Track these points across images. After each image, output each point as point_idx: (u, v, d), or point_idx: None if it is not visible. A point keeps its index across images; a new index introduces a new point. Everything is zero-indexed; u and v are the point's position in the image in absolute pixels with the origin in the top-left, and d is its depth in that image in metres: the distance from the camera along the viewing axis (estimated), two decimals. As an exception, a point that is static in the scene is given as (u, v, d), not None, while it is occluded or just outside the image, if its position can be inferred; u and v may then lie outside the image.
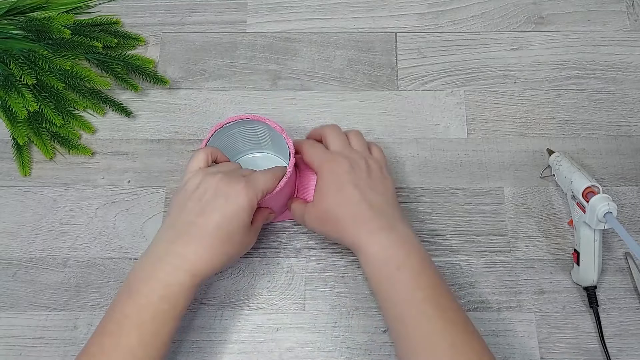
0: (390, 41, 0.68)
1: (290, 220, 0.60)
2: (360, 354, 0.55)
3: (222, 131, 0.55)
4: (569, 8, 0.69)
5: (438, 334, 0.45)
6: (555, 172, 0.59)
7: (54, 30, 0.62)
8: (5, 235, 0.60)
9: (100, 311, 0.57)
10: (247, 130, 0.57)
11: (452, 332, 0.45)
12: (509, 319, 0.56)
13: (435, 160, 0.63)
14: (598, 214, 0.51)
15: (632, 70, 0.66)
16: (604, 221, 0.51)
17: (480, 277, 0.58)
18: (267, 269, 0.58)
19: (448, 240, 0.59)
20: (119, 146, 0.64)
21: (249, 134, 0.57)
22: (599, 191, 0.53)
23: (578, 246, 0.55)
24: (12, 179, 0.62)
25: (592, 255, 0.54)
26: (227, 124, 0.54)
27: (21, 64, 0.61)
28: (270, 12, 0.70)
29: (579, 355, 0.55)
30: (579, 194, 0.53)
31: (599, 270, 0.55)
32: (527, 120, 0.64)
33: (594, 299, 0.55)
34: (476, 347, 0.46)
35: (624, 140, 0.63)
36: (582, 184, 0.53)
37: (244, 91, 0.66)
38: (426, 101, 0.65)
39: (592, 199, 0.51)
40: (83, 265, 0.59)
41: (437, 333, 0.45)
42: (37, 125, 0.62)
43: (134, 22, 0.69)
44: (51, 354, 0.55)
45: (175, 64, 0.67)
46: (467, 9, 0.70)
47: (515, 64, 0.67)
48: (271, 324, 0.56)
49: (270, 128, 0.54)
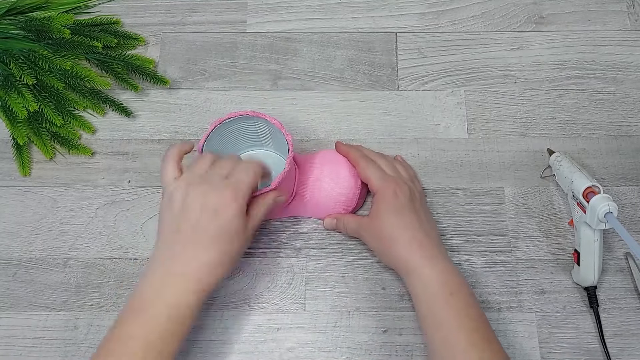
0: (390, 41, 0.68)
1: (290, 220, 0.60)
2: (360, 354, 0.55)
3: (222, 127, 0.55)
4: (569, 8, 0.69)
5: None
6: (555, 172, 0.59)
7: (54, 30, 0.62)
8: (6, 236, 0.60)
9: (100, 311, 0.57)
10: (247, 127, 0.57)
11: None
12: (509, 319, 0.56)
13: (436, 160, 0.63)
14: (599, 214, 0.51)
15: (633, 70, 0.66)
16: (605, 221, 0.51)
17: (480, 277, 0.58)
18: (268, 269, 0.58)
19: (448, 240, 0.59)
20: (119, 146, 0.64)
21: (248, 130, 0.57)
22: (600, 191, 0.52)
23: (578, 246, 0.55)
24: (12, 179, 0.62)
25: (593, 255, 0.54)
26: (227, 119, 0.54)
27: (21, 64, 0.61)
28: (271, 12, 0.70)
29: (579, 355, 0.55)
30: (580, 194, 0.53)
31: (600, 271, 0.55)
32: (527, 120, 0.64)
33: (595, 299, 0.55)
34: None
35: (624, 140, 0.63)
36: (582, 184, 0.53)
37: (244, 91, 0.66)
38: (426, 101, 0.65)
39: (593, 199, 0.51)
40: (83, 265, 0.59)
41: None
42: (37, 125, 0.62)
43: (134, 22, 0.69)
44: (51, 354, 0.55)
45: (175, 64, 0.67)
46: (468, 8, 0.70)
47: (516, 64, 0.67)
48: (271, 324, 0.56)
49: (269, 124, 0.55)
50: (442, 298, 0.49)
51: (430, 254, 0.51)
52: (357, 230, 0.56)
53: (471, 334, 0.47)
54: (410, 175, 0.59)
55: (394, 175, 0.56)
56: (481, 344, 0.47)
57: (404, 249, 0.51)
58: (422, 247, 0.51)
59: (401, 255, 0.52)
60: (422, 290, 0.50)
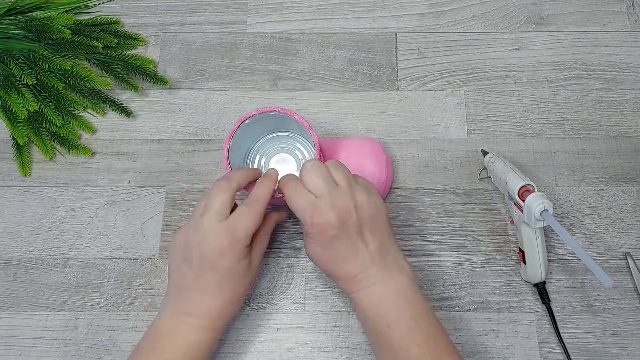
0: (390, 41, 0.68)
1: (290, 220, 0.60)
2: (360, 355, 0.55)
3: (250, 122, 0.54)
4: (569, 8, 0.69)
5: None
6: (490, 174, 0.59)
7: (54, 30, 0.62)
8: (6, 236, 0.60)
9: (100, 311, 0.57)
10: (272, 119, 0.56)
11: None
12: (509, 319, 0.56)
13: (436, 161, 0.63)
14: (535, 212, 0.51)
15: (632, 71, 0.66)
16: (542, 219, 0.51)
17: (480, 277, 0.58)
18: (267, 269, 0.58)
19: (448, 241, 0.59)
20: (119, 146, 0.64)
21: (272, 122, 0.57)
22: (534, 189, 0.53)
23: (522, 245, 0.55)
24: (12, 179, 0.62)
25: (537, 253, 0.54)
26: (254, 115, 0.53)
27: (21, 64, 0.61)
28: (271, 12, 0.70)
29: (579, 355, 0.55)
30: (515, 194, 0.53)
31: (546, 266, 0.55)
32: (527, 121, 0.64)
33: (545, 295, 0.56)
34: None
35: (624, 140, 0.63)
36: (516, 184, 0.54)
37: (245, 91, 0.66)
38: (426, 101, 0.65)
39: (528, 198, 0.52)
40: (83, 265, 0.59)
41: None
42: (37, 125, 0.62)
43: (134, 22, 0.69)
44: (51, 354, 0.55)
45: (175, 64, 0.67)
46: (468, 9, 0.70)
47: (516, 65, 0.67)
48: (271, 324, 0.56)
49: (297, 122, 0.54)
50: (381, 331, 0.46)
51: (366, 282, 0.47)
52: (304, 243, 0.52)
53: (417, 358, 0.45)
54: (347, 176, 0.49)
55: (324, 193, 0.47)
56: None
57: (338, 281, 0.49)
58: (356, 280, 0.47)
59: (339, 284, 0.50)
60: (362, 318, 0.49)
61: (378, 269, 0.48)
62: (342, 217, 0.46)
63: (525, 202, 0.52)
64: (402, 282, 0.48)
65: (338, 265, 0.48)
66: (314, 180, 0.48)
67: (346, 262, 0.48)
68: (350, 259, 0.47)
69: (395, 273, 0.48)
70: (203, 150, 0.63)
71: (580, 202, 0.61)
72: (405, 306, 0.47)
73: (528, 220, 0.52)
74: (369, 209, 0.48)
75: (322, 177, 0.48)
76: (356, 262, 0.47)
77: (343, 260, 0.48)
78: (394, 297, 0.47)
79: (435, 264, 0.58)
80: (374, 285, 0.47)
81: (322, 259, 0.48)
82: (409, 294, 0.48)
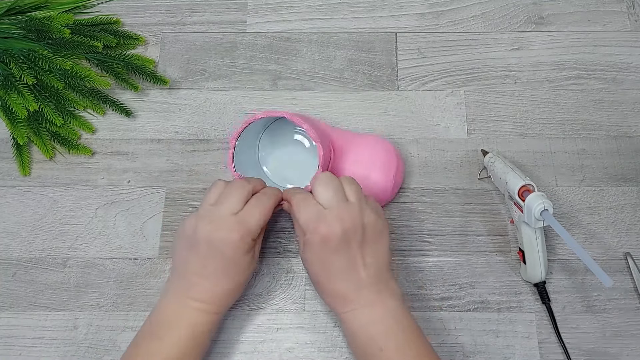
0: (390, 41, 0.68)
1: (290, 220, 0.60)
2: (360, 354, 0.55)
3: (255, 124, 0.55)
4: (569, 8, 0.69)
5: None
6: (491, 174, 0.59)
7: (54, 29, 0.62)
8: (5, 235, 0.60)
9: (99, 311, 0.57)
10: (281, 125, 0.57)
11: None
12: (509, 319, 0.56)
13: (436, 161, 0.63)
14: (535, 212, 0.51)
15: (633, 71, 0.66)
16: (542, 219, 0.51)
17: (480, 277, 0.58)
18: (267, 269, 0.58)
19: (448, 240, 0.59)
20: (119, 146, 0.64)
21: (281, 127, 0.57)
22: (534, 189, 0.53)
23: (522, 245, 0.55)
24: (12, 178, 0.62)
25: (537, 253, 0.54)
26: (262, 117, 0.54)
27: (21, 63, 0.61)
28: (271, 12, 0.70)
29: (579, 355, 0.55)
30: (515, 194, 0.53)
31: (546, 266, 0.55)
32: (527, 121, 0.64)
33: (545, 295, 0.56)
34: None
35: (624, 140, 0.63)
36: (516, 184, 0.54)
37: (244, 91, 0.66)
38: (426, 101, 0.65)
39: (528, 198, 0.52)
40: (83, 265, 0.59)
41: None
42: (37, 125, 0.62)
43: (134, 22, 0.69)
44: (51, 354, 0.55)
45: (175, 63, 0.67)
46: (468, 9, 0.70)
47: (516, 64, 0.67)
48: (271, 324, 0.56)
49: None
50: (370, 352, 0.46)
51: (359, 303, 0.47)
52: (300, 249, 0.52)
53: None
54: (358, 193, 0.49)
55: (333, 205, 0.47)
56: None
57: (327, 297, 0.49)
58: (348, 301, 0.47)
59: (330, 303, 0.49)
60: (351, 339, 0.49)
61: (371, 292, 0.47)
62: (347, 231, 0.46)
63: (525, 202, 0.52)
64: (392, 304, 0.48)
65: (331, 279, 0.48)
66: (325, 192, 0.48)
67: (339, 279, 0.47)
68: (344, 276, 0.47)
69: (386, 296, 0.48)
70: (203, 150, 0.63)
71: (580, 202, 0.61)
72: (396, 327, 0.47)
73: (528, 220, 0.52)
74: (375, 230, 0.48)
75: (334, 190, 0.48)
76: (350, 281, 0.47)
77: (337, 275, 0.47)
78: (385, 318, 0.47)
79: (435, 264, 0.58)
80: (364, 307, 0.47)
81: (315, 270, 0.48)
82: (399, 316, 0.48)
